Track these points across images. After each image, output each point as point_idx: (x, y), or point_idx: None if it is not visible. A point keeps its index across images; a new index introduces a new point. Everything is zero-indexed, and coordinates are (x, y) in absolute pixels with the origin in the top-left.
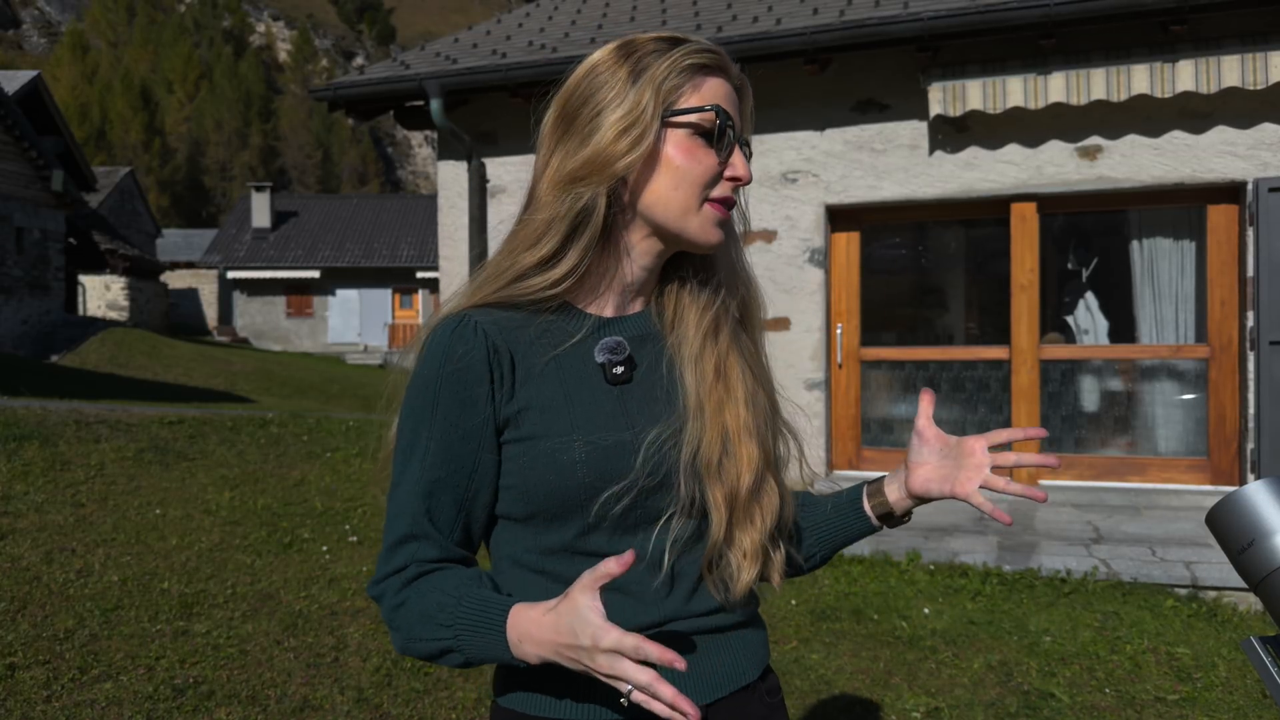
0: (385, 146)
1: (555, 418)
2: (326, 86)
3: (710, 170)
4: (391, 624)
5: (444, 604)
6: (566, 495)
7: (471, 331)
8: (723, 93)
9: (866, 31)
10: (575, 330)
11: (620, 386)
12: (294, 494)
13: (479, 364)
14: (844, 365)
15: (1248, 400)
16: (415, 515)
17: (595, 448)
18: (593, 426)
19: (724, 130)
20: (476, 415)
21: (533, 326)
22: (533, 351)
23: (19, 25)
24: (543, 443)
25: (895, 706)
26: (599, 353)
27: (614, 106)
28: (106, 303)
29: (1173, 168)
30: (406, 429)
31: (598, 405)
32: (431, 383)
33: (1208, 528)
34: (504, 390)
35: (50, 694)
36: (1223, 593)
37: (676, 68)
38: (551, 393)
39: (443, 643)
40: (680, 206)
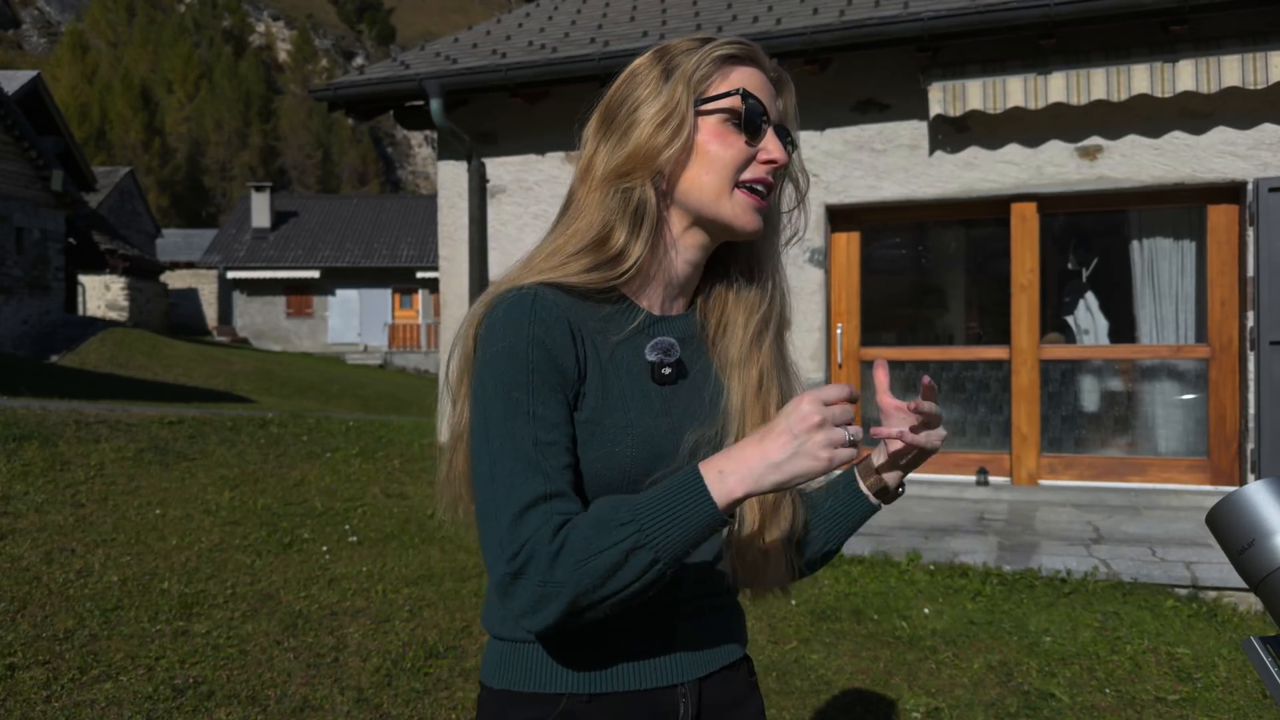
0: (385, 146)
1: (612, 407)
2: (326, 86)
3: (741, 153)
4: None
5: (616, 504)
6: (611, 481)
7: (550, 302)
8: (754, 81)
9: (866, 31)
10: (629, 323)
11: (666, 387)
12: (294, 494)
13: (563, 334)
14: (844, 365)
15: (1248, 400)
16: (545, 475)
17: (643, 445)
18: (643, 423)
19: (752, 113)
20: (569, 382)
21: (595, 313)
22: (597, 338)
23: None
24: (599, 429)
25: (895, 707)
26: (651, 351)
27: (650, 102)
28: (106, 303)
29: (1173, 168)
30: (499, 399)
31: (648, 403)
32: (522, 351)
33: (1208, 528)
34: (583, 367)
35: (50, 694)
36: (1223, 593)
37: (706, 59)
38: (610, 382)
39: (624, 543)
40: (713, 191)
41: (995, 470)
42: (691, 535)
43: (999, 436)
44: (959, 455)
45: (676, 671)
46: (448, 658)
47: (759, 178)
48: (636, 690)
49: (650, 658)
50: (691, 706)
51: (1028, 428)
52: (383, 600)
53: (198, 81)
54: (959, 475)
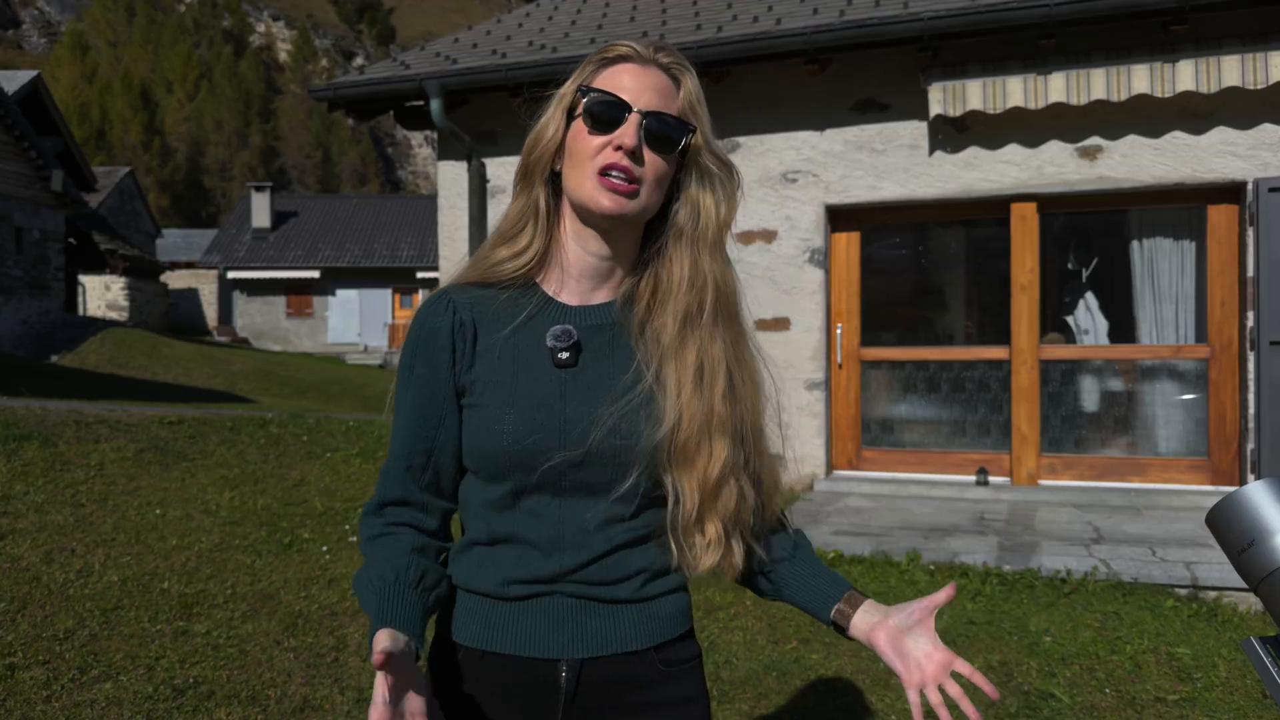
0: (385, 146)
1: (497, 390)
2: (326, 86)
3: (594, 144)
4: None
5: (373, 589)
6: (495, 459)
7: (444, 306)
8: (621, 79)
9: (866, 31)
10: (527, 305)
11: (566, 370)
12: (294, 494)
13: (444, 334)
14: (844, 365)
15: (1248, 400)
16: (394, 457)
17: (521, 423)
18: (526, 403)
19: (594, 105)
20: (440, 378)
21: (500, 301)
22: (495, 327)
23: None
24: (482, 409)
25: (895, 706)
26: (549, 337)
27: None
28: (106, 303)
29: (1173, 168)
30: (397, 386)
31: (538, 383)
32: (409, 349)
33: (1208, 528)
34: (464, 359)
35: (50, 694)
36: (1223, 593)
37: (591, 64)
38: (501, 367)
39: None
40: (576, 180)
41: (995, 470)
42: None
43: (999, 436)
44: (959, 455)
45: (556, 648)
46: None
47: (610, 163)
48: (517, 655)
49: (534, 631)
50: (571, 683)
51: (1028, 428)
52: None
53: (198, 81)
54: (959, 475)
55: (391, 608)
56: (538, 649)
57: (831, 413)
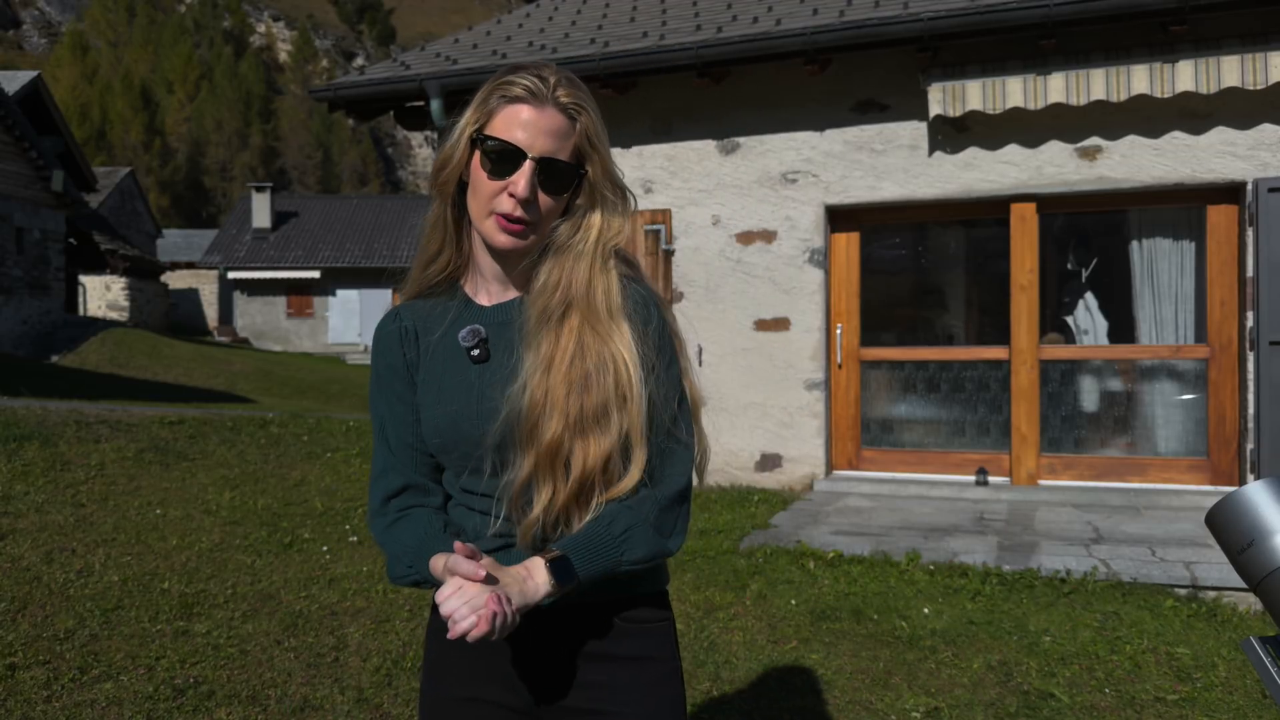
0: (385, 147)
1: (428, 389)
2: (326, 87)
3: (493, 188)
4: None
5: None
6: (433, 446)
7: (392, 319)
8: (520, 119)
9: (866, 31)
10: (450, 310)
11: (481, 365)
12: (294, 494)
13: (395, 343)
14: (844, 365)
15: (1247, 400)
16: (384, 456)
17: (445, 414)
18: (450, 398)
19: (497, 156)
20: (399, 380)
21: (433, 309)
22: (432, 331)
23: (19, 25)
24: (423, 406)
25: (895, 706)
26: (460, 337)
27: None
28: (107, 303)
29: (1172, 168)
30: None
31: (459, 379)
32: (374, 359)
33: (1207, 528)
34: (413, 362)
35: (50, 694)
36: (1223, 593)
37: (488, 95)
38: (435, 367)
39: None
40: (475, 212)
41: (995, 470)
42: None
43: (999, 436)
44: (959, 455)
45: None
46: None
47: (504, 211)
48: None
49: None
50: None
51: (1027, 428)
52: (383, 600)
53: (198, 82)
54: (959, 475)
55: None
56: None
57: (831, 413)
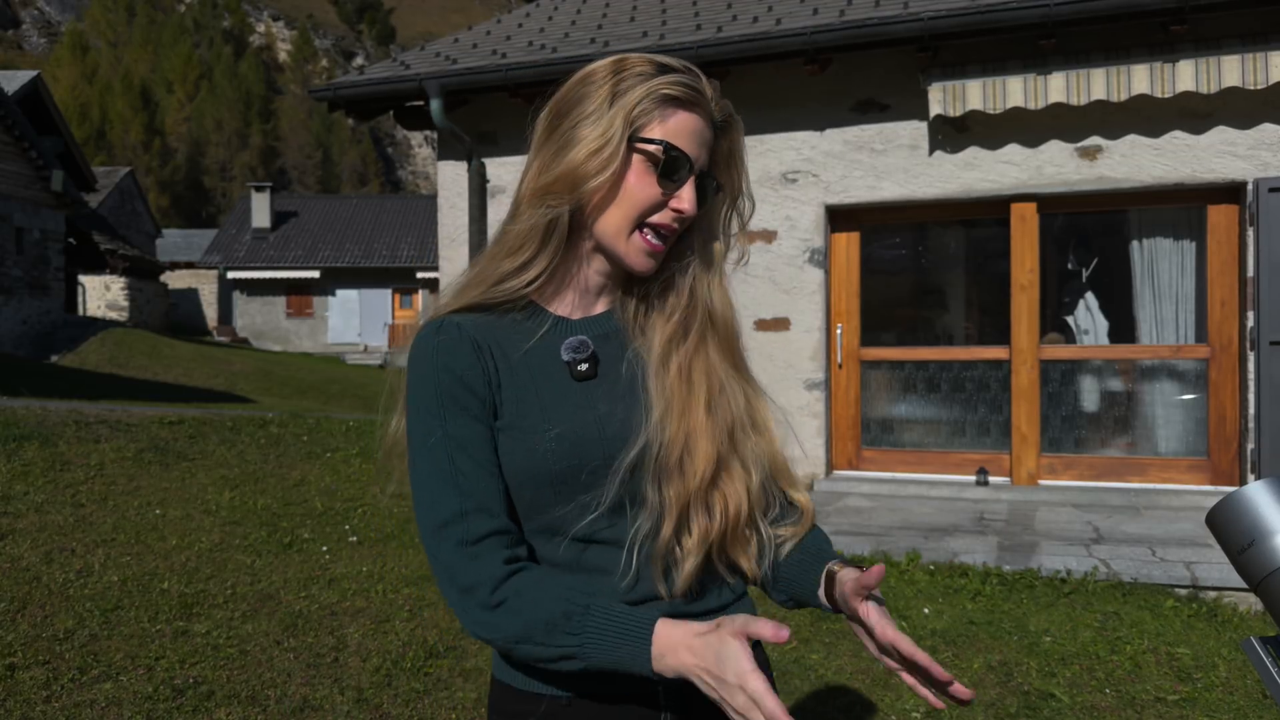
0: (385, 146)
1: (529, 409)
2: (326, 86)
3: (652, 199)
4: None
5: (569, 612)
6: (539, 480)
7: (454, 330)
8: (688, 128)
9: (866, 31)
10: (538, 328)
11: (586, 382)
12: (294, 494)
13: (467, 353)
14: (844, 365)
15: (1248, 400)
16: (459, 492)
17: (563, 438)
18: (561, 418)
19: (672, 165)
20: (479, 399)
21: (503, 325)
22: (507, 347)
23: (19, 25)
24: (519, 432)
25: (895, 707)
26: (564, 351)
27: (590, 123)
28: (106, 303)
29: (1173, 168)
30: (420, 423)
31: (566, 399)
32: (430, 376)
33: (1208, 528)
34: (494, 380)
35: (50, 694)
36: (1223, 593)
37: (650, 95)
38: (524, 386)
39: (564, 649)
40: (615, 227)
41: (995, 470)
42: (626, 669)
43: (999, 436)
44: (959, 455)
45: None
46: (448, 658)
47: (663, 224)
48: (613, 694)
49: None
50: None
51: (1028, 428)
52: (383, 600)
53: (198, 81)
54: (959, 475)
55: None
56: (634, 683)
57: (831, 413)
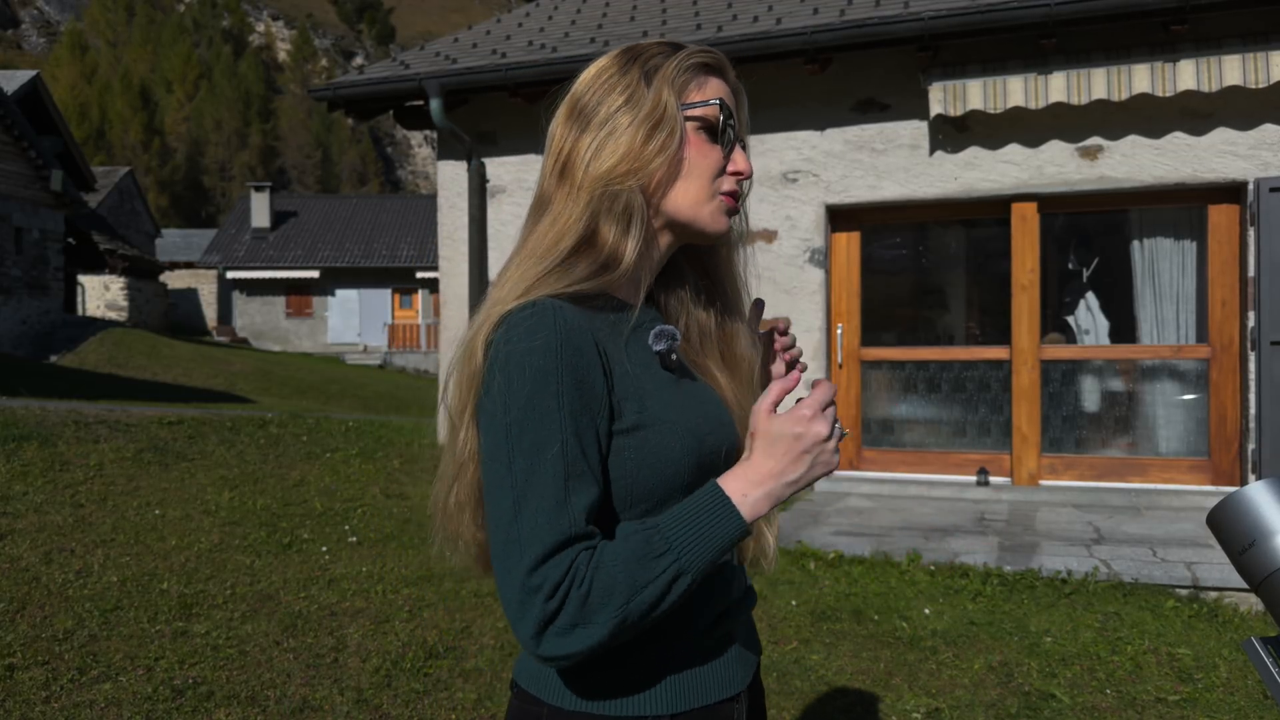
0: (385, 146)
1: (654, 406)
2: (326, 86)
3: (716, 163)
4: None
5: (647, 538)
6: (673, 482)
7: (572, 315)
8: (725, 91)
9: (867, 31)
10: (628, 320)
11: (672, 372)
12: (293, 494)
13: (590, 349)
14: (844, 365)
15: (1249, 400)
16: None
17: (688, 438)
18: (684, 418)
19: (726, 125)
20: (599, 403)
21: (602, 319)
22: (608, 339)
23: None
24: (650, 432)
25: (896, 707)
26: (656, 340)
27: (634, 105)
28: (105, 303)
29: (1173, 168)
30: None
31: (674, 393)
32: (552, 373)
33: (1209, 528)
34: (609, 377)
35: (49, 695)
36: (1224, 593)
37: (684, 66)
38: (636, 382)
39: (668, 571)
40: (693, 198)
41: (996, 470)
42: (722, 552)
43: (999, 437)
44: (959, 455)
45: (733, 681)
46: (448, 658)
47: (731, 189)
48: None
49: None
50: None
51: (1028, 428)
52: (382, 600)
53: (197, 81)
54: (959, 475)
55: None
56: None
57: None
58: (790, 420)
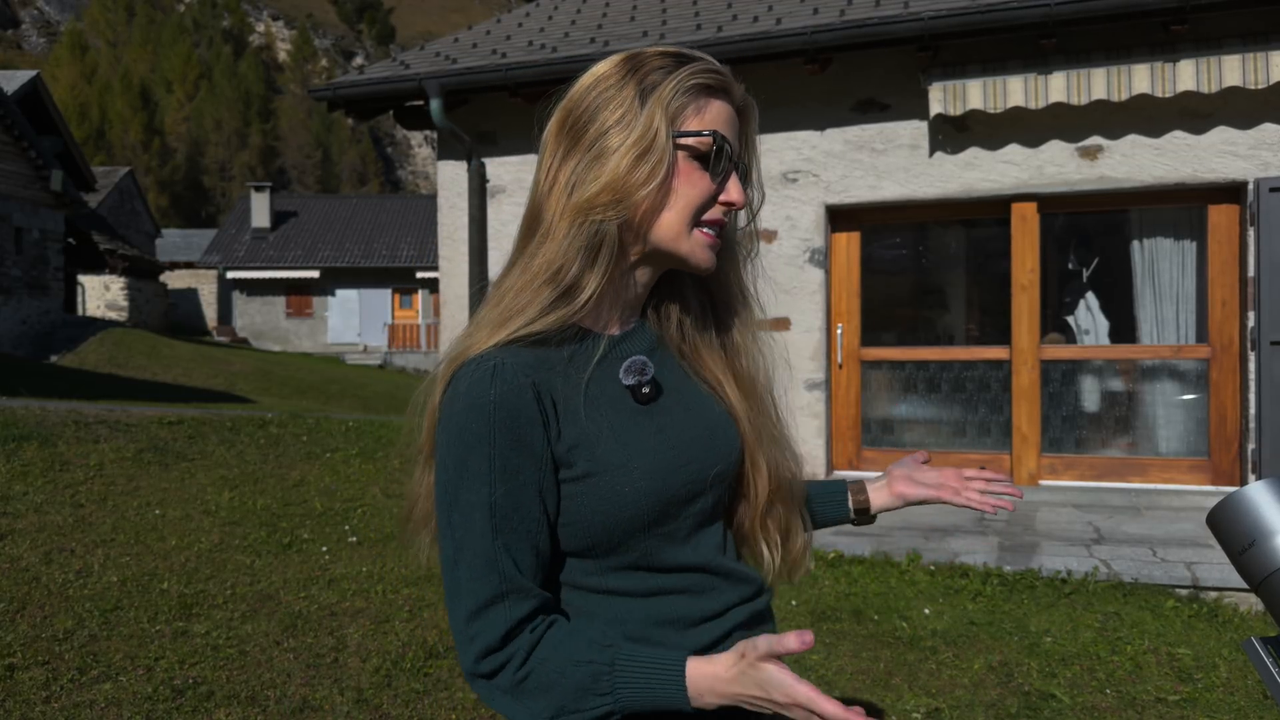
0: (385, 146)
1: (607, 451)
2: (326, 86)
3: (705, 194)
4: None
5: (596, 673)
6: (629, 524)
7: (511, 374)
8: (724, 116)
9: (867, 31)
10: (593, 353)
11: (649, 405)
12: (293, 494)
13: (529, 405)
14: (844, 365)
15: (1249, 400)
16: (500, 573)
17: (649, 475)
18: (643, 453)
19: (720, 155)
20: (536, 459)
21: (553, 355)
22: (566, 385)
23: (18, 25)
24: (601, 479)
25: (896, 707)
26: (626, 375)
27: (624, 126)
28: (106, 303)
29: (1173, 168)
30: (460, 486)
31: (639, 430)
32: (484, 435)
33: (1209, 528)
34: (554, 430)
35: (49, 695)
36: (1224, 593)
37: (682, 88)
38: (595, 425)
39: (601, 709)
40: (673, 229)
41: (996, 470)
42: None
43: (999, 437)
44: (959, 455)
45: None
46: (448, 658)
47: (717, 219)
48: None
49: None
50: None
51: (1028, 428)
52: (382, 600)
53: (197, 81)
54: None
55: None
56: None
57: (832, 413)
58: (784, 684)
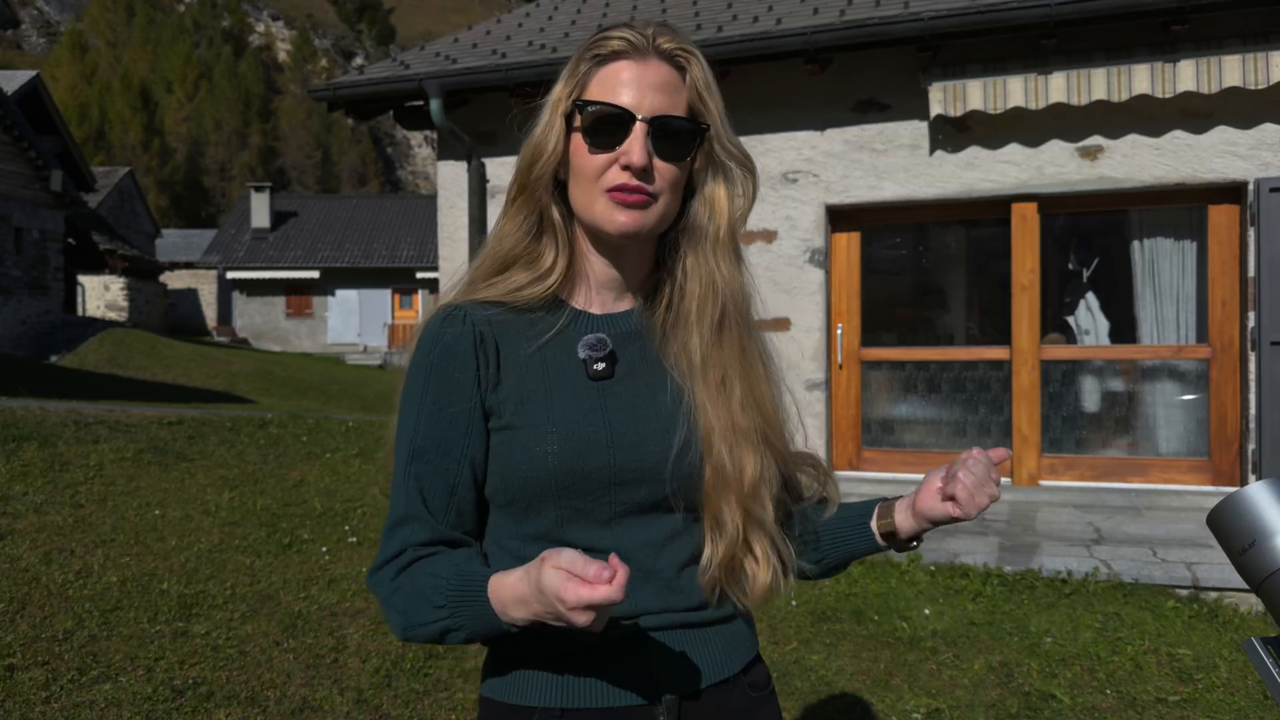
0: (385, 146)
1: (533, 409)
2: (326, 86)
3: (598, 164)
4: (388, 611)
5: (436, 585)
6: (539, 485)
7: (460, 319)
8: (622, 77)
9: (867, 31)
10: (555, 321)
11: (601, 383)
12: (293, 495)
13: (466, 350)
14: (844, 365)
15: (1249, 401)
16: (408, 498)
17: (568, 441)
18: (568, 420)
19: (596, 122)
20: (463, 400)
21: (521, 319)
22: (519, 343)
23: (18, 25)
24: (520, 433)
25: (896, 708)
26: (581, 348)
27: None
28: (105, 303)
29: (1174, 168)
30: (402, 416)
31: (577, 400)
32: (423, 369)
33: (1209, 529)
34: (489, 377)
35: (49, 695)
36: (1224, 594)
37: (584, 59)
38: (533, 385)
39: (440, 623)
40: (584, 200)
41: (996, 471)
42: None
43: (999, 437)
44: (959, 455)
45: (650, 689)
46: (447, 658)
47: (620, 183)
48: (608, 708)
49: (622, 676)
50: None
51: (1028, 428)
52: None
53: (197, 81)
54: None
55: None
56: (629, 696)
57: (832, 413)
58: (556, 587)
